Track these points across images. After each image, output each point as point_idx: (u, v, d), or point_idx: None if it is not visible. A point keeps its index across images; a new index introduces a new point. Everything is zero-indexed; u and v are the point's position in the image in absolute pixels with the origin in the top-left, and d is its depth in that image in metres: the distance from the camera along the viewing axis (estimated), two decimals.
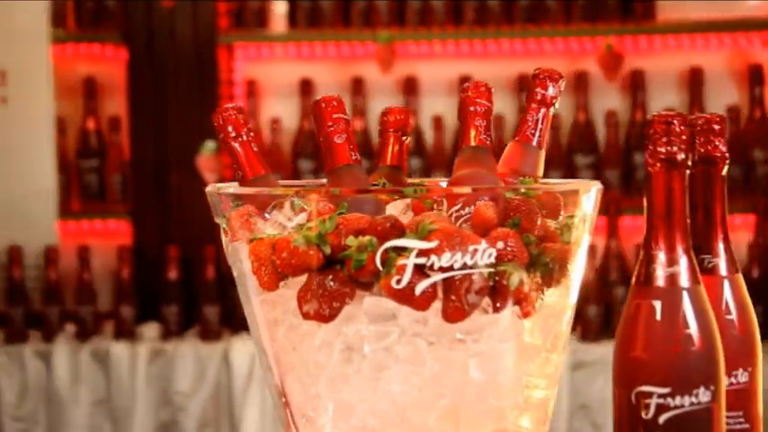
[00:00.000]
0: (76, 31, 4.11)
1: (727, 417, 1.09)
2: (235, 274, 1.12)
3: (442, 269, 1.01)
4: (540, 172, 1.25)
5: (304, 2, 4.09)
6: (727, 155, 1.11)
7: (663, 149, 1.00)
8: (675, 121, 1.00)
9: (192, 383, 3.68)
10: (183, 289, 3.83)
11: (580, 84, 4.14)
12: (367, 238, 1.02)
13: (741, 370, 1.08)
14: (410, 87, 4.13)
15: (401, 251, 1.02)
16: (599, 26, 4.08)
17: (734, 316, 1.09)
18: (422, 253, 1.01)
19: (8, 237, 3.94)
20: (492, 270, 1.03)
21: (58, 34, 4.05)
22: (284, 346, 1.07)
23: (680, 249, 1.00)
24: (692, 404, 0.98)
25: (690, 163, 1.01)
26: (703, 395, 0.98)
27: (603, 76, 4.08)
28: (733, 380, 1.08)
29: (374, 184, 1.22)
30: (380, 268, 1.01)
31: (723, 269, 1.10)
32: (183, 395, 3.67)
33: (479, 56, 4.18)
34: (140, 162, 4.00)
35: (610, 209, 3.90)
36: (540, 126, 1.25)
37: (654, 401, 0.98)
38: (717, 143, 1.10)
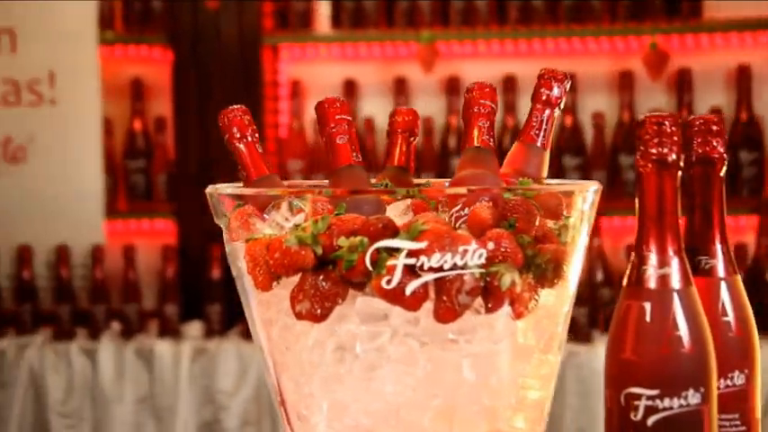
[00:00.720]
0: (124, 32, 4.17)
1: (723, 419, 1.08)
2: (234, 273, 1.13)
3: (432, 269, 1.02)
4: (545, 172, 1.25)
5: (347, 2, 4.10)
6: (725, 156, 1.10)
7: (654, 150, 1.00)
8: (667, 122, 1.00)
9: (234, 382, 3.71)
10: (226, 288, 3.86)
11: (625, 83, 4.11)
12: (358, 238, 1.02)
13: (737, 372, 1.08)
14: (453, 87, 4.13)
15: (393, 252, 1.02)
16: (644, 25, 4.04)
17: (730, 318, 1.08)
18: (412, 254, 1.02)
19: (56, 236, 4.00)
20: (484, 271, 1.03)
21: (106, 36, 4.11)
22: (279, 346, 1.08)
23: (671, 251, 1.00)
24: (681, 406, 0.98)
25: (682, 164, 1.00)
26: (693, 397, 0.98)
27: (648, 75, 4.04)
28: (729, 382, 1.08)
29: (377, 185, 1.23)
30: (371, 269, 1.02)
31: (721, 271, 1.10)
32: (225, 394, 3.70)
33: (523, 55, 4.17)
34: (185, 162, 4.05)
35: None
36: (544, 127, 1.25)
37: (642, 403, 0.98)
38: (715, 144, 1.09)
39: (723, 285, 1.09)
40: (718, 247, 1.10)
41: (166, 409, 3.75)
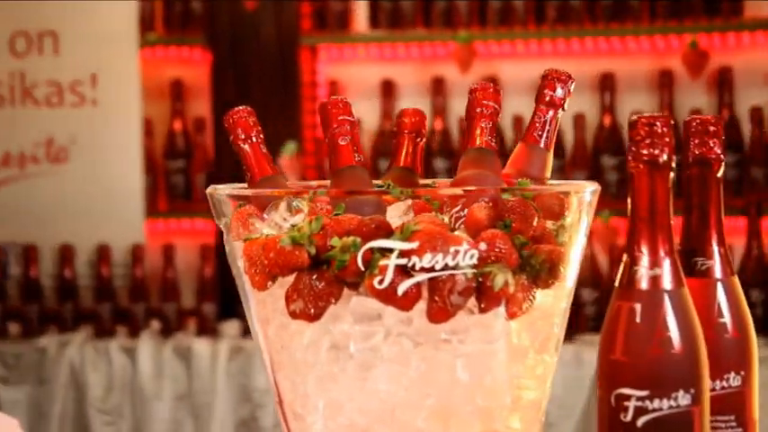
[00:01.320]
0: (164, 34, 4.21)
1: (719, 420, 1.08)
2: (234, 273, 1.15)
3: (423, 270, 1.03)
4: (548, 173, 1.25)
5: (385, 2, 4.12)
6: (722, 156, 1.09)
7: (645, 151, 1.00)
8: (658, 123, 1.00)
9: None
10: None
11: (664, 82, 4.08)
12: (350, 238, 1.03)
13: (733, 374, 1.07)
14: None
15: (386, 252, 1.03)
16: (684, 23, 4.02)
17: (726, 319, 1.08)
18: (403, 254, 1.02)
19: (97, 236, 4.05)
20: (476, 271, 1.04)
21: (147, 38, 4.16)
22: (275, 345, 1.09)
23: (662, 252, 1.00)
24: (670, 407, 0.98)
25: (674, 165, 1.00)
26: (683, 398, 0.98)
27: (688, 74, 4.01)
28: (724, 383, 1.07)
29: (379, 186, 1.24)
30: (362, 268, 1.03)
31: (717, 272, 1.09)
32: (261, 392, 3.73)
33: (562, 55, 4.16)
34: (223, 162, 4.08)
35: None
36: (547, 127, 1.25)
37: (632, 404, 0.98)
38: (711, 145, 1.09)
39: (720, 286, 1.09)
40: (715, 248, 1.09)
41: (204, 407, 3.78)
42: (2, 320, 3.94)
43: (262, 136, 1.24)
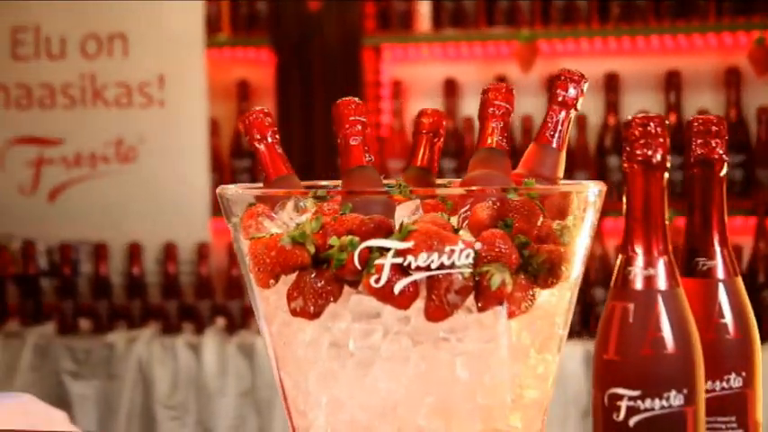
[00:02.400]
0: (231, 35, 4.27)
1: (719, 421, 1.07)
2: (243, 271, 1.17)
3: (419, 269, 1.04)
4: (561, 173, 1.25)
5: (448, 2, 4.12)
6: (725, 157, 1.09)
7: (639, 152, 1.00)
8: (652, 124, 1.00)
9: None
10: None
11: (731, 80, 4.03)
12: (348, 237, 1.05)
13: (734, 375, 1.07)
14: None
15: (384, 251, 1.05)
16: (752, 20, 3.95)
17: (728, 320, 1.07)
18: (400, 253, 1.04)
19: (165, 234, 4.13)
20: (473, 270, 1.05)
21: (214, 40, 4.22)
22: (278, 342, 1.12)
23: (656, 252, 1.00)
24: (662, 407, 0.98)
25: (668, 165, 1.00)
26: (675, 399, 0.98)
27: (754, 71, 3.95)
28: (724, 384, 1.07)
29: (390, 185, 1.25)
30: (359, 267, 1.04)
31: (720, 272, 1.09)
32: None
33: (627, 53, 4.12)
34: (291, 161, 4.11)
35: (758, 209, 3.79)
36: (560, 128, 1.25)
37: (624, 404, 0.98)
38: (714, 145, 1.09)
39: (721, 287, 1.08)
40: (717, 248, 1.09)
41: (267, 403, 3.83)
42: (73, 317, 4.04)
43: (278, 136, 1.26)
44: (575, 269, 1.12)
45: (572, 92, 1.25)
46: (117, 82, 4.21)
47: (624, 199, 1.02)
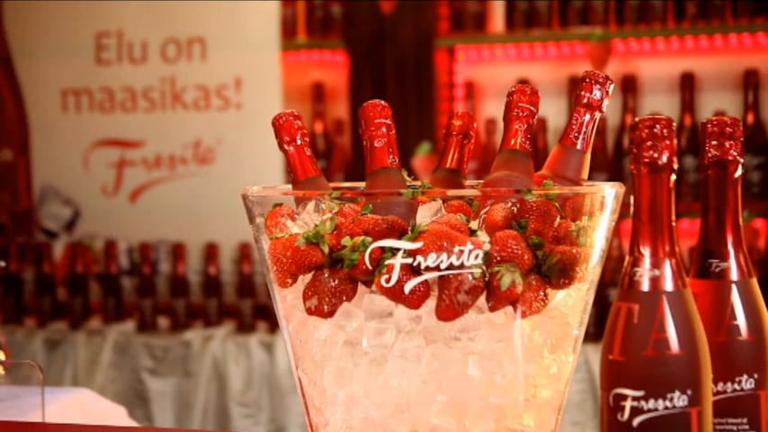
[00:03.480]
0: (306, 39, 4.33)
1: (731, 423, 1.07)
2: (264, 270, 1.20)
3: (428, 269, 1.06)
4: (585, 174, 1.26)
5: (521, 2, 4.12)
6: (739, 159, 1.08)
7: (646, 154, 1.00)
8: (658, 126, 1.00)
9: None
10: None
11: None
12: (360, 238, 1.07)
13: (746, 376, 1.06)
14: (628, 86, 4.07)
15: (396, 251, 1.07)
16: None
17: (740, 321, 1.07)
18: (410, 253, 1.06)
19: (240, 234, 4.19)
20: (483, 270, 1.06)
21: (291, 43, 4.28)
22: (295, 340, 1.14)
23: (662, 253, 1.00)
24: (666, 408, 0.98)
25: (675, 167, 1.00)
26: (679, 399, 0.98)
27: None
28: (736, 386, 1.06)
29: (413, 187, 1.27)
30: (370, 267, 1.07)
31: (734, 274, 1.08)
32: None
33: (704, 52, 4.07)
34: (361, 162, 4.15)
35: None
36: (584, 129, 1.25)
37: (629, 404, 0.99)
38: (728, 146, 1.08)
39: (734, 288, 1.08)
40: (731, 249, 1.08)
41: None
42: (152, 315, 4.13)
43: (307, 139, 1.29)
44: (590, 270, 1.12)
45: (597, 94, 1.25)
46: (195, 85, 4.29)
47: (631, 200, 1.02)
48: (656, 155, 1.00)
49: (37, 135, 4.44)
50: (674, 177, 1.00)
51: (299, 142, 1.27)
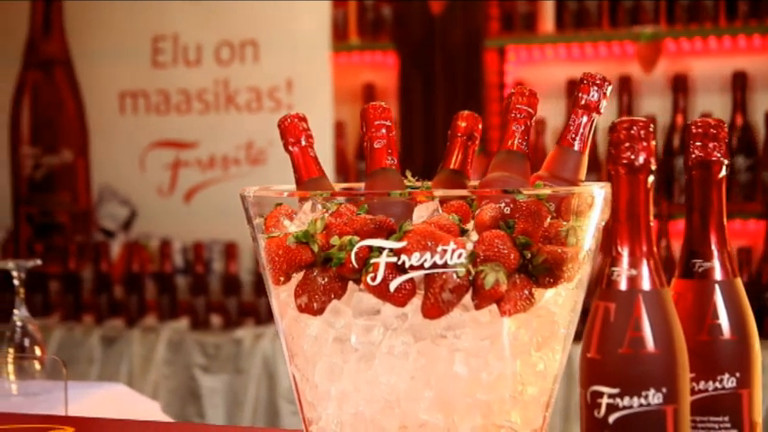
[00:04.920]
0: (358, 40, 4.37)
1: (712, 421, 1.08)
2: (261, 269, 1.23)
3: (413, 268, 1.08)
4: (582, 176, 1.27)
5: (571, 2, 4.11)
6: (723, 160, 1.09)
7: (624, 155, 1.01)
8: (635, 127, 1.01)
9: None
10: None
11: None
12: (347, 237, 1.10)
13: (728, 375, 1.07)
14: (679, 85, 4.04)
15: (383, 250, 1.10)
16: None
17: (722, 321, 1.07)
18: (395, 252, 1.08)
19: None
20: (469, 270, 1.08)
21: (342, 44, 4.32)
22: (288, 337, 1.17)
23: (640, 253, 1.01)
24: (641, 405, 0.99)
25: (653, 167, 1.02)
26: (654, 397, 0.99)
27: None
28: (717, 384, 1.07)
29: (413, 187, 1.30)
30: (356, 266, 1.09)
31: (717, 273, 1.09)
32: None
33: (756, 51, 4.03)
34: (411, 163, 4.19)
35: None
36: (581, 131, 1.27)
37: (605, 401, 1.00)
38: (712, 147, 1.09)
39: (717, 288, 1.08)
40: (715, 250, 1.09)
41: None
42: (205, 313, 4.20)
43: (311, 140, 1.32)
44: (578, 270, 1.14)
45: (594, 96, 1.26)
46: (248, 87, 4.35)
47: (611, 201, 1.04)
48: (633, 156, 1.01)
49: (96, 136, 4.54)
50: (651, 178, 1.02)
51: (303, 143, 1.31)
